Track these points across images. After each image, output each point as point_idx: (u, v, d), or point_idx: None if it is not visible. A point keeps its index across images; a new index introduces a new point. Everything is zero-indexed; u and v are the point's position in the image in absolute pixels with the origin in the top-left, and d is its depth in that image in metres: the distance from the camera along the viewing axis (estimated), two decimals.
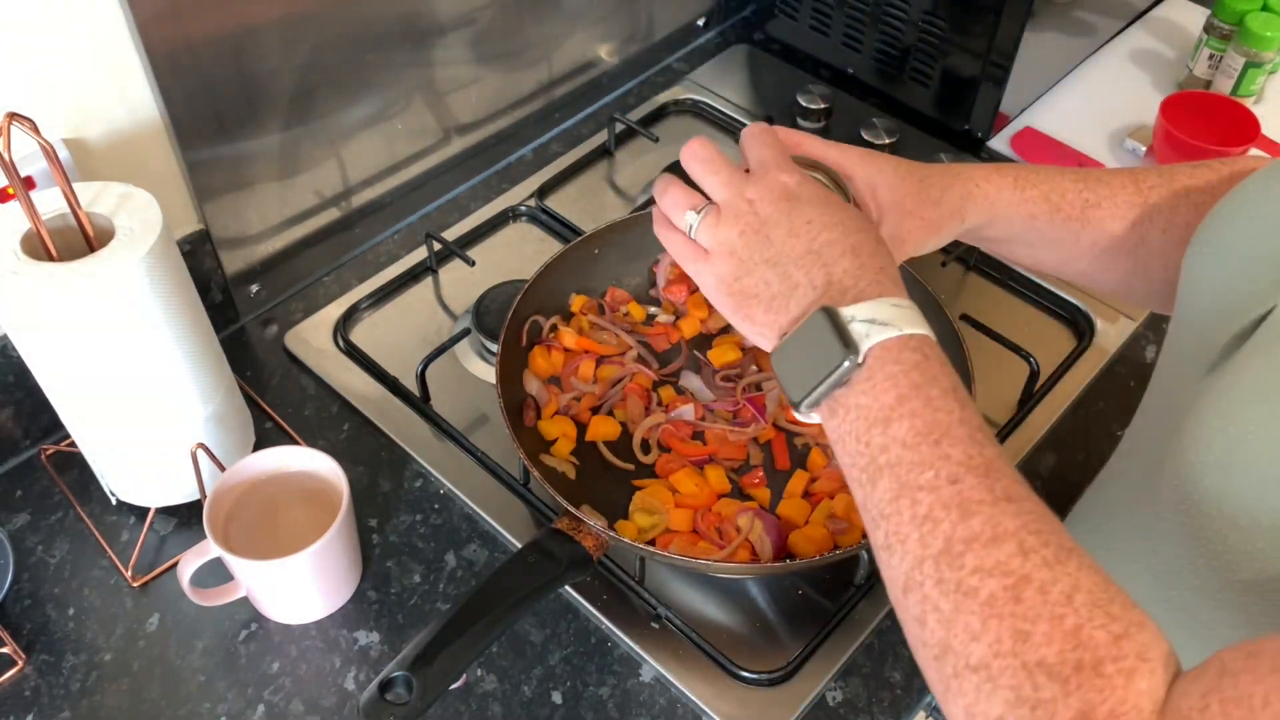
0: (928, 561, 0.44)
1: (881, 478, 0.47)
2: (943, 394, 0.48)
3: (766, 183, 0.56)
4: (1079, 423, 0.90)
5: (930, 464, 0.46)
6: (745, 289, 0.55)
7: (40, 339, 0.68)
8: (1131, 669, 0.39)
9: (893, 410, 0.47)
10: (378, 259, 1.02)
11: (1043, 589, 0.41)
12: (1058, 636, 0.40)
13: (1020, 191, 0.66)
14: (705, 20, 1.28)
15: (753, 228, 0.55)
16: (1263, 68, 1.17)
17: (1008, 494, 0.45)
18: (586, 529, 0.72)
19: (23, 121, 0.62)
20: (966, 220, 0.66)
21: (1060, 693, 0.39)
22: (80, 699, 0.72)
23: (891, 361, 0.48)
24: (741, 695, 0.73)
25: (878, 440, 0.48)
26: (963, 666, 0.42)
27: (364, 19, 0.90)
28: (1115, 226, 0.67)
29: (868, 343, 0.48)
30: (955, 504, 0.44)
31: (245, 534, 0.75)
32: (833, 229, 0.54)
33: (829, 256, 0.53)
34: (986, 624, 0.42)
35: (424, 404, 0.89)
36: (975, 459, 0.46)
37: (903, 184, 0.64)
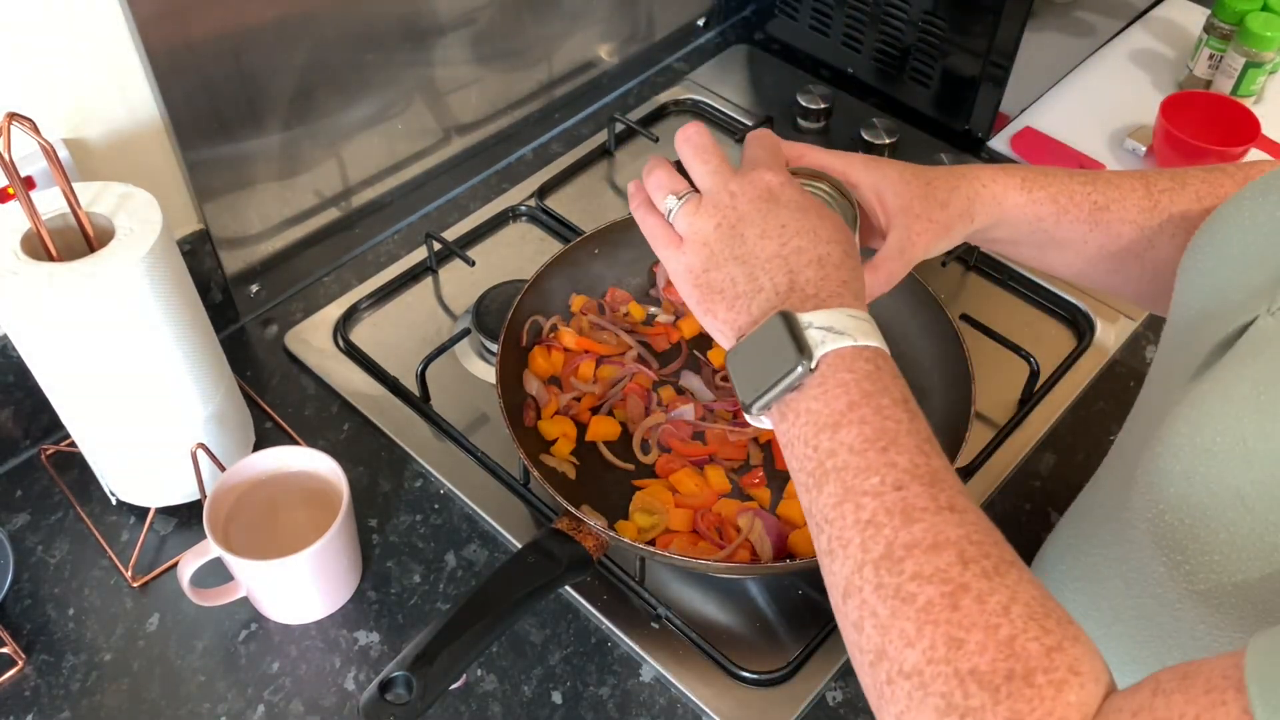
0: (868, 566, 0.44)
1: (827, 482, 0.47)
2: (893, 404, 0.48)
3: (751, 179, 0.56)
4: (1079, 423, 0.90)
5: (876, 470, 0.46)
6: (712, 283, 0.55)
7: (40, 339, 0.68)
8: (1062, 681, 0.39)
9: (843, 416, 0.48)
10: (378, 259, 1.02)
11: (980, 598, 0.41)
12: (991, 645, 0.40)
13: (1027, 193, 0.66)
14: (705, 20, 1.28)
15: (729, 222, 0.55)
16: (1263, 68, 1.17)
17: (951, 504, 0.45)
18: (586, 529, 0.72)
19: (23, 121, 0.62)
20: (975, 221, 0.66)
21: (990, 701, 0.39)
22: (80, 699, 0.72)
23: (845, 369, 0.49)
24: (741, 695, 0.73)
25: (826, 445, 0.48)
26: (896, 673, 0.42)
27: (364, 19, 0.90)
28: (1124, 230, 0.67)
29: (822, 349, 0.49)
30: (899, 510, 0.45)
31: (245, 534, 0.75)
32: (804, 235, 0.54)
33: (796, 263, 0.53)
34: (922, 630, 0.42)
35: (424, 404, 0.89)
36: (921, 467, 0.46)
37: (909, 188, 0.64)
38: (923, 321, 0.86)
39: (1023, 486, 0.86)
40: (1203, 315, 0.56)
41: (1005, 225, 0.67)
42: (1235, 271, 0.54)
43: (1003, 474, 0.86)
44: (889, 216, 0.64)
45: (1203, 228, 0.59)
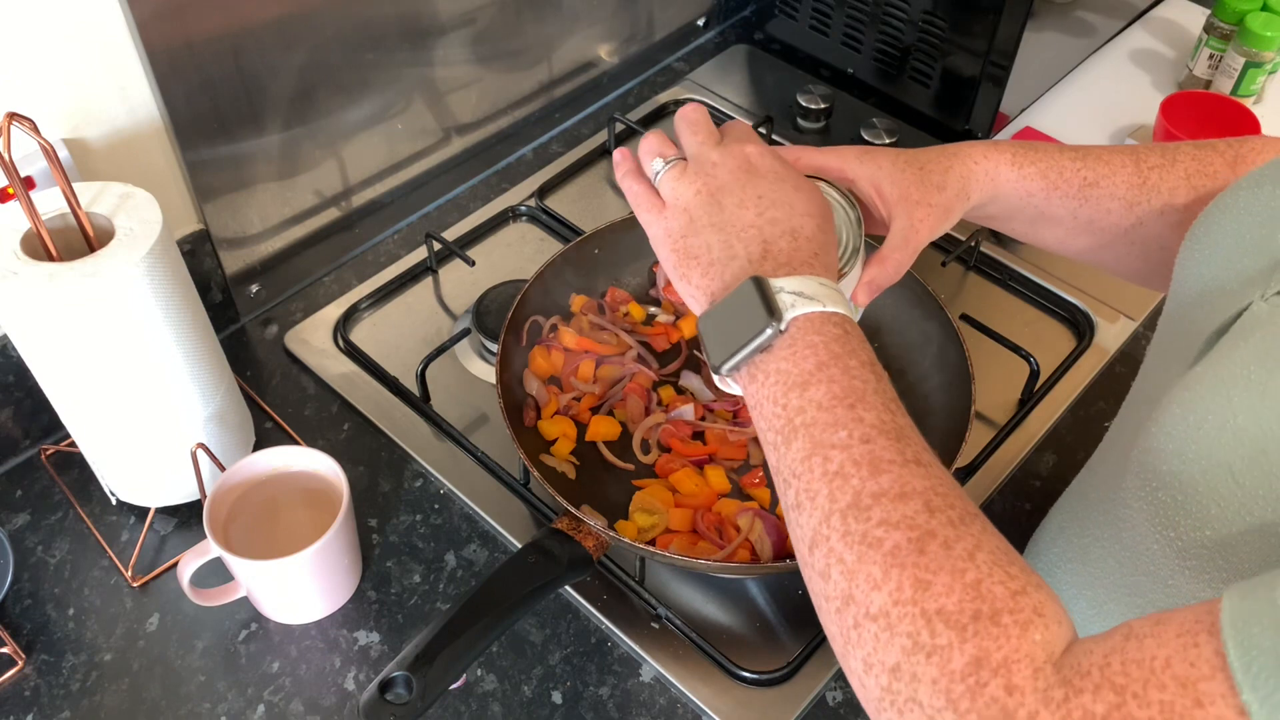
0: (835, 515, 0.45)
1: (796, 438, 0.48)
2: (861, 365, 0.49)
3: (732, 150, 0.58)
4: (1079, 423, 0.90)
5: (844, 425, 0.47)
6: (689, 248, 0.56)
7: (40, 339, 0.68)
8: (1027, 621, 0.40)
9: (811, 376, 0.49)
10: (378, 259, 1.02)
11: (947, 544, 0.42)
12: (958, 588, 0.41)
13: (1018, 169, 0.67)
14: (705, 20, 1.28)
15: (709, 189, 0.57)
16: (1263, 68, 1.17)
17: (918, 458, 0.46)
18: (586, 529, 0.72)
19: (23, 121, 0.62)
20: (971, 199, 0.66)
21: (956, 639, 0.40)
22: (80, 699, 0.72)
23: (814, 332, 0.50)
24: (741, 695, 0.73)
25: (795, 403, 0.49)
26: (863, 615, 0.43)
27: (364, 19, 0.90)
28: (1113, 206, 0.67)
29: (792, 312, 0.50)
30: (866, 461, 0.46)
31: (245, 534, 0.75)
32: (780, 207, 0.56)
33: (771, 233, 0.55)
34: (889, 573, 0.43)
35: (424, 404, 0.89)
36: (888, 423, 0.47)
37: (904, 176, 0.64)
38: (923, 321, 0.86)
39: (1023, 486, 0.86)
40: (1199, 303, 0.56)
41: (998, 201, 0.68)
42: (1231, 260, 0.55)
43: (1003, 474, 0.86)
44: (889, 206, 0.65)
45: (1200, 218, 0.60)
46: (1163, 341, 0.62)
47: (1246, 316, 0.51)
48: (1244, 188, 0.58)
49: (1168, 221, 0.67)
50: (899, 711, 0.41)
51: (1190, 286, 0.58)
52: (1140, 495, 0.52)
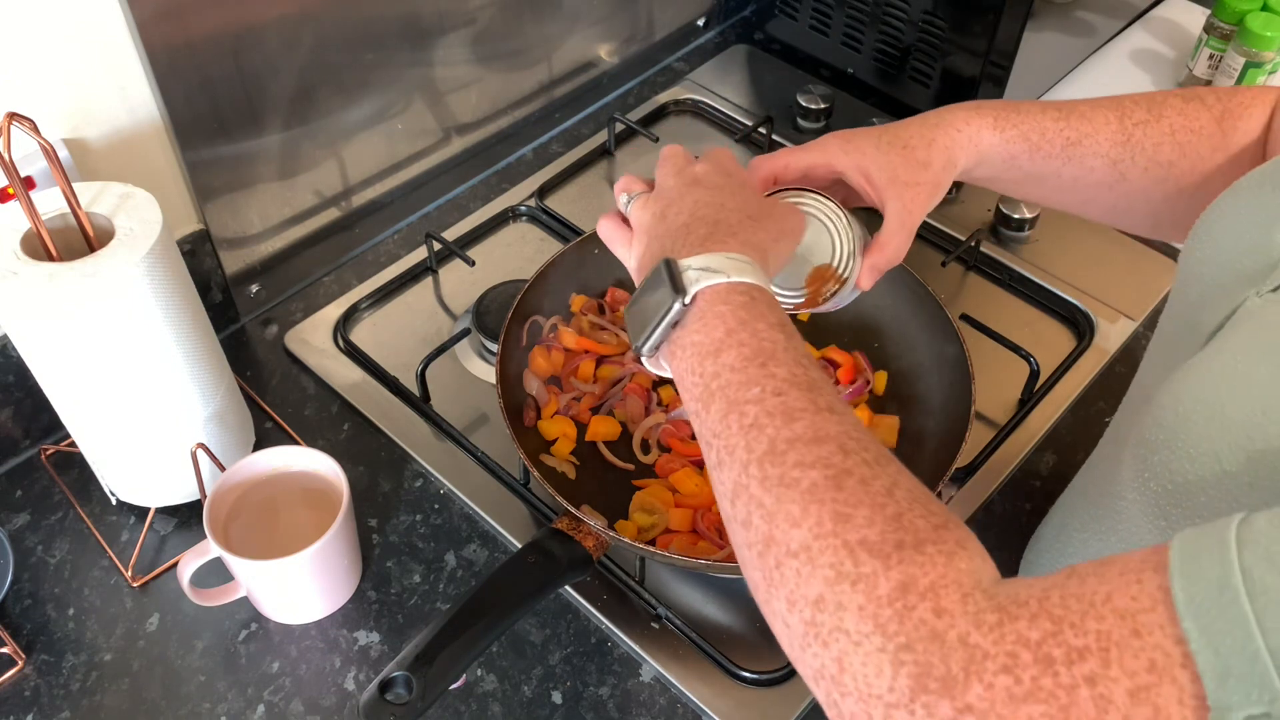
0: (753, 464, 0.46)
1: (713, 401, 0.49)
2: (769, 327, 0.50)
3: (685, 173, 0.61)
4: (1079, 423, 0.90)
5: (757, 381, 0.48)
6: (644, 265, 0.58)
7: (40, 339, 0.68)
8: (951, 552, 0.40)
9: (722, 342, 0.50)
10: (378, 259, 1.02)
11: (864, 481, 0.43)
12: (879, 520, 0.41)
13: (1000, 132, 0.67)
14: (705, 20, 1.28)
15: (660, 208, 0.59)
16: (1263, 68, 1.17)
17: (830, 406, 0.47)
18: (586, 529, 0.72)
19: (23, 121, 0.62)
20: (959, 166, 0.67)
21: (881, 567, 0.40)
22: (80, 699, 0.72)
23: (721, 302, 0.51)
24: (741, 695, 0.73)
25: (710, 369, 0.50)
26: (784, 553, 0.43)
27: (364, 19, 0.90)
28: (1096, 164, 0.68)
29: (696, 287, 0.52)
30: (779, 412, 0.47)
31: (245, 534, 0.75)
32: (710, 206, 0.57)
33: (696, 227, 0.56)
34: (807, 509, 0.43)
35: (424, 404, 0.89)
36: (800, 377, 0.48)
37: (889, 159, 0.65)
38: (923, 321, 0.86)
39: (1023, 486, 0.86)
40: (1200, 304, 0.57)
41: (984, 165, 0.68)
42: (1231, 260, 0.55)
43: (1003, 474, 0.86)
44: (880, 191, 0.65)
45: (1202, 218, 0.60)
46: (1163, 339, 0.63)
47: (1240, 312, 0.52)
48: (1245, 189, 0.58)
49: (1151, 177, 0.68)
50: (824, 644, 0.41)
51: (1192, 286, 0.59)
52: (1135, 488, 0.53)
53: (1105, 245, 1.04)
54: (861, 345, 0.89)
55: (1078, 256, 1.02)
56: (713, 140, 1.16)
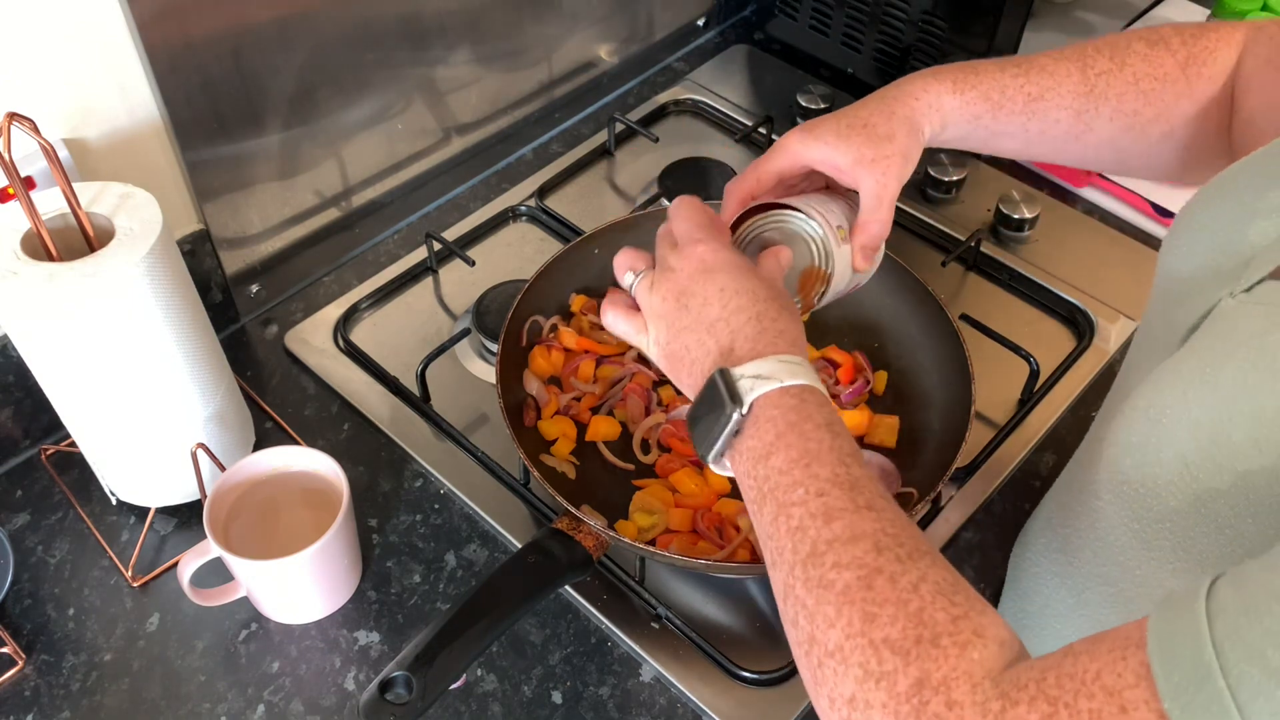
0: (798, 565, 0.48)
1: (765, 504, 0.52)
2: (816, 428, 0.52)
3: (687, 254, 0.60)
4: (1079, 423, 0.90)
5: (801, 483, 0.50)
6: (674, 353, 0.59)
7: (40, 339, 0.68)
8: (966, 642, 0.42)
9: (771, 446, 0.52)
10: (378, 259, 1.02)
11: (893, 579, 0.45)
12: (901, 617, 0.44)
13: (959, 95, 0.68)
14: (705, 20, 1.28)
15: (674, 294, 0.59)
16: None
17: (869, 504, 0.49)
18: (586, 529, 0.72)
19: (23, 121, 0.62)
20: (925, 134, 0.68)
21: (901, 664, 0.42)
22: (80, 699, 0.72)
23: (772, 407, 0.53)
24: (741, 695, 0.73)
25: (761, 472, 0.52)
26: (824, 654, 0.45)
27: (364, 19, 0.90)
28: (1061, 116, 0.68)
29: (751, 395, 0.53)
30: (820, 513, 0.49)
31: (245, 534, 0.75)
32: (742, 295, 0.58)
33: (736, 323, 0.57)
34: (841, 610, 0.45)
35: (424, 404, 0.89)
36: (842, 476, 0.50)
37: (852, 142, 0.66)
38: (923, 321, 0.86)
39: (1023, 486, 0.86)
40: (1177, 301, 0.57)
41: (950, 127, 0.69)
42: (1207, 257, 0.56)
43: (1003, 474, 0.86)
44: (851, 175, 0.66)
45: (1180, 215, 0.60)
46: (1143, 338, 0.63)
47: (1215, 313, 0.52)
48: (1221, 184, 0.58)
49: (1118, 126, 0.68)
50: None
51: (1170, 281, 0.59)
52: (1109, 488, 0.54)
53: (1105, 245, 1.04)
54: (861, 345, 0.89)
55: (1078, 256, 1.02)
56: (713, 140, 1.16)
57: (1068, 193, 1.11)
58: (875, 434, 0.83)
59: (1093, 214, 1.08)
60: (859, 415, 0.83)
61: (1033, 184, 1.11)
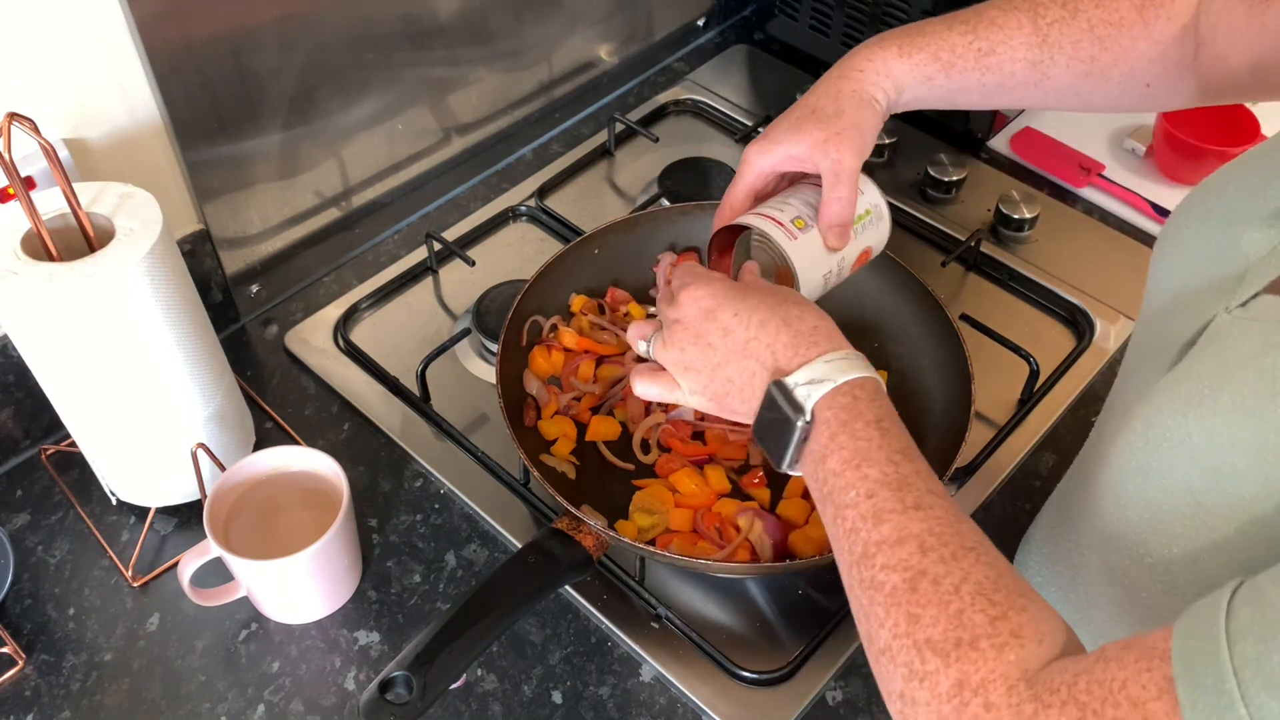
0: (853, 567, 0.50)
1: (826, 505, 0.54)
2: (865, 425, 0.53)
3: (683, 301, 0.62)
4: (1079, 423, 0.90)
5: (853, 485, 0.52)
6: (717, 391, 0.60)
7: (40, 339, 0.68)
8: (1003, 644, 0.44)
9: (827, 448, 0.54)
10: (378, 259, 1.02)
11: (936, 580, 0.47)
12: (943, 619, 0.45)
13: (907, 59, 0.68)
14: (705, 20, 1.28)
15: (691, 340, 0.61)
16: None
17: (917, 503, 0.50)
18: (586, 529, 0.72)
19: (23, 121, 0.62)
20: (880, 102, 0.68)
21: (941, 665, 0.44)
22: (80, 699, 0.72)
23: (826, 408, 0.54)
24: (741, 695, 0.73)
25: (820, 474, 0.54)
26: (878, 650, 0.48)
27: (364, 19, 0.90)
28: (1016, 68, 0.68)
29: (810, 402, 0.55)
30: (870, 515, 0.50)
31: (245, 534, 0.75)
32: (756, 310, 0.59)
33: (767, 337, 0.58)
34: (889, 611, 0.47)
35: (424, 404, 0.89)
36: (891, 476, 0.51)
37: (804, 131, 0.66)
38: (923, 321, 0.86)
39: (1023, 486, 0.86)
40: (1171, 310, 0.57)
41: (904, 91, 0.69)
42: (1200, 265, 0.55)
43: (1003, 474, 0.86)
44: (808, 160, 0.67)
45: (1170, 220, 0.60)
46: (1138, 347, 0.63)
47: (1211, 329, 0.51)
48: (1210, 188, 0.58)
49: (1075, 73, 0.68)
50: None
51: (1164, 291, 0.59)
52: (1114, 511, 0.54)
53: (1105, 245, 1.05)
54: (861, 345, 0.89)
55: (1078, 256, 1.02)
56: (713, 140, 1.16)
57: (1068, 193, 1.11)
58: None
59: (1092, 214, 1.08)
60: None
61: (1033, 184, 1.11)
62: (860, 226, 0.70)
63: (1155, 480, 0.51)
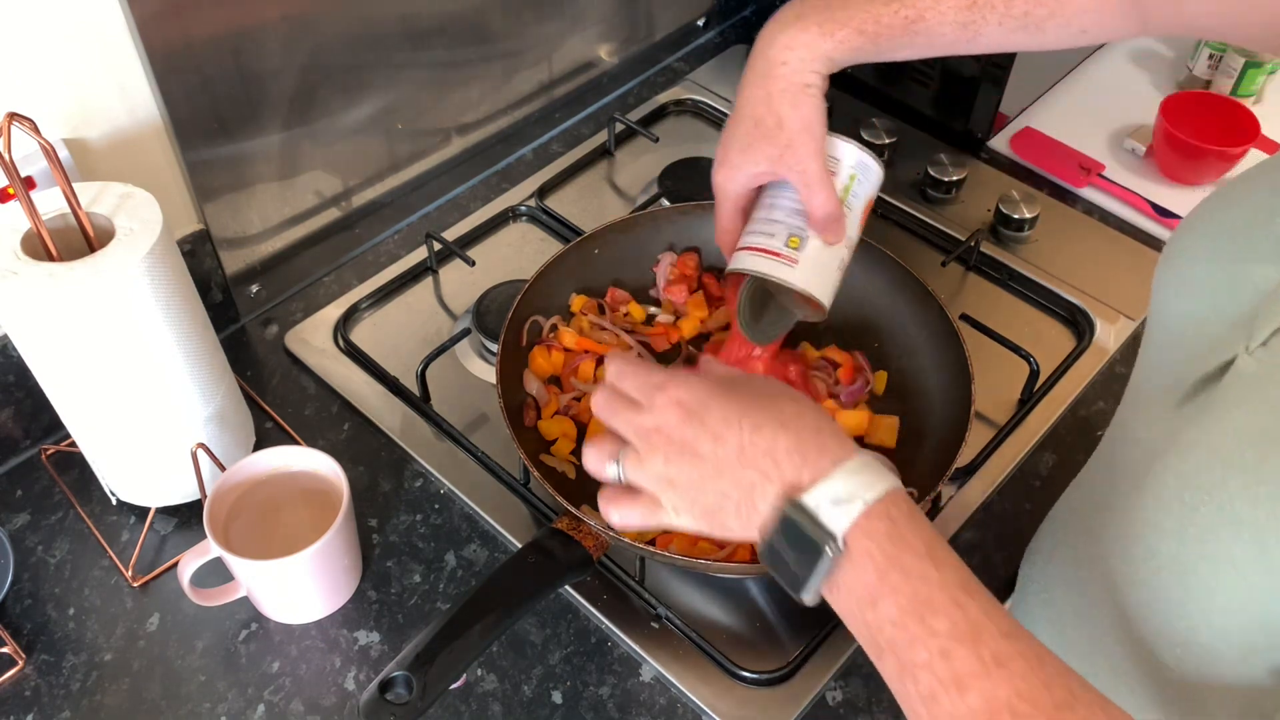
0: None
1: (884, 656, 0.48)
2: (917, 559, 0.47)
3: (659, 406, 0.54)
4: (1079, 423, 0.90)
5: (920, 641, 0.46)
6: (707, 507, 0.53)
7: (40, 339, 0.68)
8: None
9: (876, 588, 0.47)
10: (378, 259, 1.02)
11: None
12: None
13: (830, 38, 0.65)
14: (705, 20, 1.28)
15: (675, 451, 0.53)
16: (1263, 68, 1.17)
17: (997, 657, 0.45)
18: (586, 529, 0.72)
19: (23, 121, 0.62)
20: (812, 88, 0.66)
21: None
22: (80, 699, 0.72)
23: (864, 537, 0.48)
24: (741, 695, 0.73)
25: (872, 619, 0.48)
26: None
27: (364, 19, 0.90)
28: (946, 30, 0.66)
29: (840, 527, 0.48)
30: (951, 681, 0.45)
31: (245, 534, 0.75)
32: (751, 411, 0.52)
33: (764, 442, 0.51)
34: None
35: (424, 404, 0.89)
36: (961, 625, 0.46)
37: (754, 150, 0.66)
38: (923, 321, 0.86)
39: (1023, 486, 0.86)
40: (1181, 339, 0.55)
41: (835, 64, 0.66)
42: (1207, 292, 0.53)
43: (1003, 474, 0.86)
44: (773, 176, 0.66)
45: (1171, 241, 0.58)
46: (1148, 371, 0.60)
47: (1233, 373, 0.49)
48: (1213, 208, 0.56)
49: (1008, 28, 0.66)
50: None
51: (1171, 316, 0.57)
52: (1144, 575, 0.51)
53: (1105, 245, 1.05)
54: (861, 345, 0.89)
55: (1077, 256, 1.02)
56: (713, 140, 1.16)
57: (1068, 193, 1.11)
58: (875, 434, 0.83)
59: (1092, 214, 1.08)
60: (859, 415, 0.83)
61: (1033, 184, 1.11)
62: (850, 196, 0.69)
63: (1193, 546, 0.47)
